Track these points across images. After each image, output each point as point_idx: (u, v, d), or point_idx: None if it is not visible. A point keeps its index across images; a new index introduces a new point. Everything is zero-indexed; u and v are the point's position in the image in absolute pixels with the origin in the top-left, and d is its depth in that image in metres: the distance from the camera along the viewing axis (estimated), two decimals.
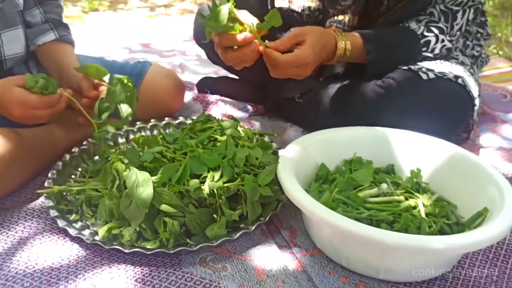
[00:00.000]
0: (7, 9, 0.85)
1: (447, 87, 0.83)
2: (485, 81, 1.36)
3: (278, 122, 1.12)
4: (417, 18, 0.87)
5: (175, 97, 1.07)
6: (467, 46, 1.04)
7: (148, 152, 0.76)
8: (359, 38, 0.84)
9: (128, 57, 1.74)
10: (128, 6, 2.84)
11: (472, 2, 0.90)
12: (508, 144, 1.01)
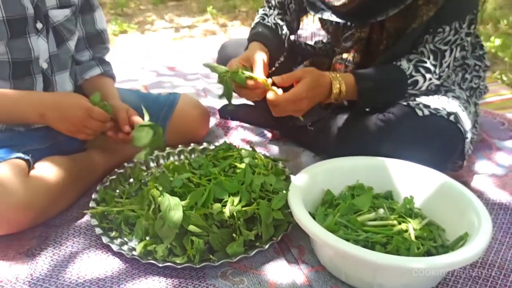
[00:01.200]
0: (62, 55, 1.00)
1: (439, 123, 0.93)
2: (487, 107, 1.43)
3: (292, 147, 1.24)
4: (408, 57, 0.98)
5: (202, 125, 1.21)
6: (466, 79, 1.14)
7: (178, 178, 0.89)
8: (352, 78, 0.95)
9: (155, 80, 1.89)
10: (154, 27, 3.03)
11: (460, 40, 1.00)
12: (501, 171, 1.09)
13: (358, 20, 1.04)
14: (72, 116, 0.90)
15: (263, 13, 1.19)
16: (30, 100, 0.91)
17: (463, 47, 1.01)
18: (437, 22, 0.96)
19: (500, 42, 2.49)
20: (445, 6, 0.94)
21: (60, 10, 0.97)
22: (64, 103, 0.91)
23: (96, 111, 0.91)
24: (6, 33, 0.88)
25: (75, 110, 0.89)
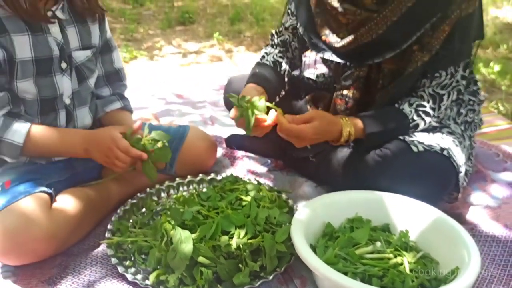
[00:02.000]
0: (83, 91, 1.09)
1: (433, 159, 0.99)
2: (483, 138, 1.49)
3: (294, 177, 1.30)
4: (409, 101, 1.04)
5: (210, 156, 1.28)
6: (461, 113, 1.20)
7: (188, 211, 0.96)
8: (361, 124, 1.01)
9: (164, 108, 1.97)
10: (162, 52, 3.14)
11: (456, 83, 1.07)
12: (495, 202, 1.15)
13: (357, 61, 1.11)
14: (103, 146, 0.97)
15: (264, 52, 1.26)
16: (75, 137, 1.01)
17: (459, 91, 1.07)
18: (433, 68, 1.02)
19: (500, 68, 2.55)
20: (439, 53, 1.00)
21: (82, 51, 1.06)
22: (98, 135, 1.01)
23: (121, 142, 0.97)
24: (33, 71, 0.96)
25: (104, 140, 0.98)
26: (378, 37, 1.03)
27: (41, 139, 0.97)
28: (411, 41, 1.01)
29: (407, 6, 0.98)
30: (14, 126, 0.94)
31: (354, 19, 1.06)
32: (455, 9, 0.98)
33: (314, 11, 1.16)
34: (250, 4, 4.84)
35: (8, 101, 0.95)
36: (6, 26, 0.91)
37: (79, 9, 1.04)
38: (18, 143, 0.93)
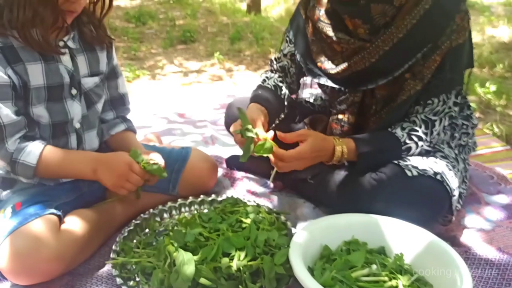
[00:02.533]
0: (91, 116, 1.13)
1: (427, 183, 1.03)
2: (478, 160, 1.53)
3: (293, 198, 1.33)
4: (402, 125, 1.09)
5: (211, 177, 1.32)
6: (454, 137, 1.24)
7: (190, 233, 0.99)
8: (353, 144, 1.06)
9: (166, 127, 2.02)
10: (164, 71, 3.21)
11: (448, 109, 1.11)
12: (489, 225, 1.18)
13: (351, 87, 1.16)
14: (117, 169, 1.02)
15: (265, 76, 1.32)
16: (85, 158, 1.06)
17: (451, 116, 1.11)
18: (426, 96, 1.07)
19: (496, 88, 2.61)
20: (431, 81, 1.05)
21: (91, 78, 1.11)
22: (111, 159, 1.05)
23: (136, 166, 1.04)
24: (45, 97, 1.01)
25: (119, 164, 1.03)
26: (371, 65, 1.08)
27: (52, 160, 1.01)
28: (403, 69, 1.06)
29: (398, 37, 1.04)
30: (28, 148, 0.98)
31: (348, 48, 1.11)
32: (445, 40, 1.03)
33: (311, 39, 1.21)
34: (250, 23, 4.96)
35: (25, 125, 1.00)
36: (21, 55, 0.96)
37: (88, 38, 1.09)
38: (32, 164, 0.98)
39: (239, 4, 8.06)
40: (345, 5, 1.06)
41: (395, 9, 1.03)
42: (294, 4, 8.37)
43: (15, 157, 0.97)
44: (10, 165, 0.98)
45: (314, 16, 1.19)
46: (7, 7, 0.92)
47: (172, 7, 6.66)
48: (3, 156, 0.98)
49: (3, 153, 0.97)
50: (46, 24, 0.94)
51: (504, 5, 6.74)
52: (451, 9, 1.03)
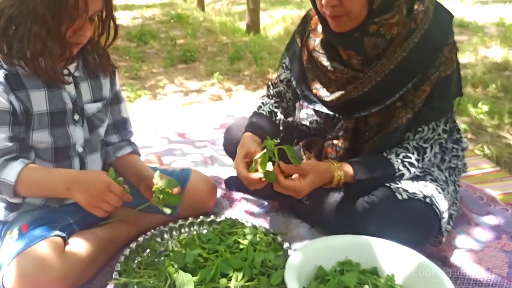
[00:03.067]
0: (93, 140, 1.18)
1: (416, 207, 1.07)
2: (469, 181, 1.58)
3: (290, 218, 1.37)
4: (396, 151, 1.13)
5: (210, 199, 1.36)
6: (444, 160, 1.29)
7: (190, 255, 1.03)
8: (351, 169, 1.10)
9: (167, 147, 2.07)
10: (165, 90, 3.28)
11: (438, 136, 1.16)
12: (478, 246, 1.22)
13: (345, 114, 1.21)
14: (93, 189, 0.99)
15: (261, 102, 1.37)
16: (60, 176, 1.03)
17: (441, 144, 1.16)
18: (416, 123, 1.12)
19: (488, 108, 2.67)
20: (422, 110, 1.10)
21: (93, 104, 1.16)
22: (87, 178, 1.03)
23: (115, 186, 1.01)
24: (48, 123, 1.06)
25: (96, 183, 1.00)
26: (364, 94, 1.13)
27: (30, 178, 1.00)
28: (394, 98, 1.11)
29: (390, 68, 1.09)
30: (9, 167, 0.99)
31: (342, 77, 1.17)
32: (434, 71, 1.08)
33: (306, 66, 1.27)
34: (249, 43, 5.07)
35: (16, 150, 1.02)
36: (25, 82, 1.01)
37: (92, 67, 1.14)
38: (11, 182, 0.98)
39: (238, 23, 8.23)
40: (340, 37, 1.11)
41: (386, 42, 1.09)
42: (292, 23, 8.53)
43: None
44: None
45: (310, 46, 1.25)
46: (17, 39, 0.97)
47: (173, 26, 6.80)
48: None
49: None
50: (54, 56, 0.99)
51: (497, 26, 6.89)
52: (440, 42, 1.08)
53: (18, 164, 1.00)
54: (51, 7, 0.93)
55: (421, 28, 1.07)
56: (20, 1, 0.94)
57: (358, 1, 1.01)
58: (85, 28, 1.00)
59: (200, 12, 9.84)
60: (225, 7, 14.38)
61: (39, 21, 0.94)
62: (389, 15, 1.04)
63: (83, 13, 0.96)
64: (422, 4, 1.09)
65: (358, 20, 1.05)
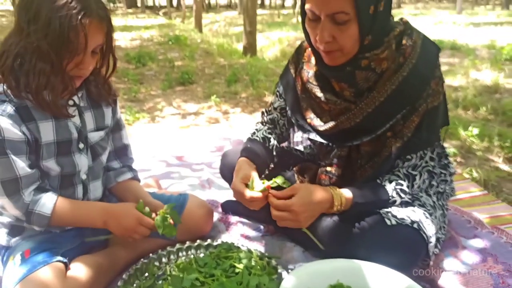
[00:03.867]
0: (96, 167, 1.23)
1: (404, 232, 1.12)
2: (457, 204, 1.63)
3: (284, 242, 1.41)
4: (389, 179, 1.17)
5: (207, 223, 1.41)
6: (432, 185, 1.34)
7: (187, 279, 1.07)
8: (351, 195, 1.14)
9: (165, 170, 2.12)
10: (163, 113, 3.34)
11: (425, 163, 1.22)
12: (465, 268, 1.26)
13: (338, 142, 1.27)
14: (126, 223, 1.12)
15: (255, 128, 1.42)
16: (95, 210, 1.15)
17: (429, 171, 1.22)
18: (405, 152, 1.17)
19: (478, 131, 2.74)
20: (410, 140, 1.16)
21: (96, 132, 1.22)
22: (121, 212, 1.14)
23: (144, 220, 1.13)
24: (55, 152, 1.11)
25: (129, 218, 1.12)
26: (356, 125, 1.18)
27: (65, 211, 1.09)
28: (384, 128, 1.16)
29: (380, 101, 1.15)
30: (43, 199, 1.07)
31: (335, 108, 1.23)
32: (422, 103, 1.13)
33: (300, 96, 1.33)
34: (246, 65, 5.18)
35: (38, 177, 1.09)
36: (34, 114, 1.06)
37: (95, 96, 1.20)
38: (47, 214, 1.06)
39: (236, 45, 8.40)
40: (333, 70, 1.16)
41: (377, 75, 1.14)
42: (288, 45, 8.73)
43: (31, 208, 1.05)
44: (25, 215, 1.06)
45: (304, 77, 1.30)
46: (23, 74, 1.02)
47: (171, 48, 6.94)
48: (20, 207, 1.05)
49: (20, 204, 1.05)
50: (56, 91, 1.04)
51: (488, 48, 7.08)
52: (427, 76, 1.14)
53: (51, 195, 1.09)
54: (54, 43, 0.98)
55: (409, 62, 1.13)
56: (26, 39, 1.00)
57: (351, 38, 1.07)
58: (87, 62, 1.05)
59: (198, 34, 10.04)
60: (222, 28, 14.67)
61: (43, 58, 0.99)
62: (379, 50, 1.11)
63: (84, 47, 1.02)
64: (410, 39, 1.15)
65: (350, 55, 1.11)
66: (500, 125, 3.09)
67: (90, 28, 1.00)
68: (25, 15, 1.00)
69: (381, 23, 1.08)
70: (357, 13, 1.02)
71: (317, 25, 1.07)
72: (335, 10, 1.02)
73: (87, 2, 1.00)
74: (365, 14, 1.03)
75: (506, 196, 1.81)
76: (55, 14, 0.96)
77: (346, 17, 1.02)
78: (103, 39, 1.07)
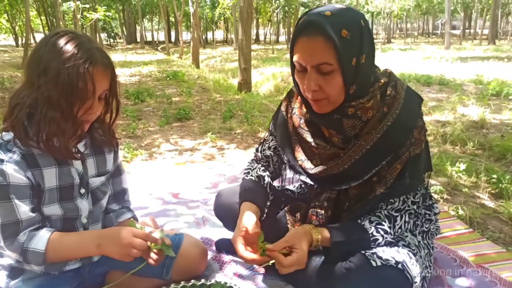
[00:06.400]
0: (96, 211, 1.28)
1: (389, 273, 1.17)
2: (443, 242, 1.68)
3: (276, 281, 1.45)
4: (370, 218, 1.24)
5: (201, 262, 1.45)
6: (417, 225, 1.40)
7: None
8: (328, 233, 1.21)
9: (161, 208, 2.16)
10: (160, 149, 3.42)
11: (408, 207, 1.28)
12: None
13: (328, 186, 1.33)
14: (121, 240, 1.10)
15: (249, 167, 1.48)
16: (88, 236, 1.15)
17: (410, 214, 1.28)
18: (389, 196, 1.24)
19: (465, 166, 2.82)
20: (393, 186, 1.22)
21: (98, 178, 1.28)
22: (114, 231, 1.15)
23: (138, 231, 1.14)
24: (57, 197, 1.16)
25: (122, 234, 1.11)
26: (344, 170, 1.25)
27: (59, 244, 1.11)
28: (371, 174, 1.23)
29: (366, 148, 1.22)
30: (37, 236, 1.10)
31: (324, 152, 1.30)
32: (405, 151, 1.20)
33: (292, 138, 1.41)
34: (241, 101, 5.32)
35: (39, 220, 1.13)
36: (39, 161, 1.12)
37: (98, 143, 1.27)
38: (41, 250, 1.09)
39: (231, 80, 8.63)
40: (321, 118, 1.24)
41: (363, 123, 1.22)
42: (282, 80, 8.97)
43: (26, 246, 1.09)
44: (21, 255, 1.10)
45: (295, 122, 1.38)
46: (35, 124, 1.09)
47: (169, 83, 7.12)
48: (15, 248, 1.09)
49: (15, 245, 1.09)
50: (67, 136, 1.10)
51: (475, 83, 7.32)
52: (410, 126, 1.21)
53: (45, 232, 1.11)
54: (64, 92, 1.05)
55: (393, 112, 1.20)
56: (37, 91, 1.07)
57: (336, 87, 1.15)
58: (95, 107, 1.12)
59: (195, 69, 10.31)
60: (218, 64, 15.05)
61: (53, 106, 1.06)
62: (364, 99, 1.19)
63: (92, 93, 1.09)
64: (394, 89, 1.23)
65: (337, 104, 1.19)
66: (487, 160, 3.19)
67: (96, 75, 1.07)
68: (35, 69, 1.08)
69: (364, 74, 1.17)
70: (339, 64, 1.10)
71: (305, 75, 1.16)
72: (320, 61, 1.10)
73: (91, 52, 1.08)
74: (347, 66, 1.11)
75: (491, 233, 1.86)
76: (63, 66, 1.04)
77: (330, 68, 1.11)
78: (108, 85, 1.14)
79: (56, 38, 1.08)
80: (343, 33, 1.08)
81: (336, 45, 1.07)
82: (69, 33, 1.10)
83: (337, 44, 1.07)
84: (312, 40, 1.10)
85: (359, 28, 1.11)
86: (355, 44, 1.10)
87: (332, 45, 1.07)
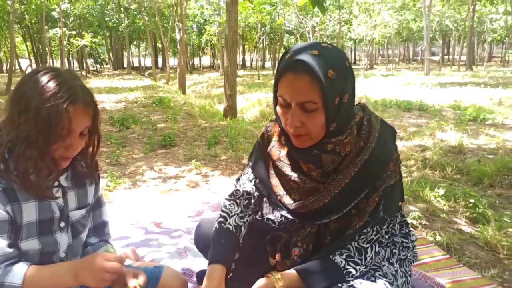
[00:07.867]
0: (75, 245, 1.28)
1: None
2: (422, 268, 1.71)
3: None
4: (340, 252, 1.26)
5: None
6: (394, 253, 1.43)
7: None
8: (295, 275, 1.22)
9: (144, 238, 2.15)
10: (144, 177, 3.40)
11: (382, 237, 1.31)
12: None
13: (308, 220, 1.35)
14: (95, 266, 1.09)
15: (226, 211, 1.46)
16: (64, 268, 1.14)
17: (381, 243, 1.30)
18: (363, 227, 1.26)
19: (444, 191, 2.89)
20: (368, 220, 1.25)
21: (78, 211, 1.28)
22: (87, 259, 1.14)
23: (109, 255, 1.13)
24: (36, 231, 1.16)
25: (94, 259, 1.11)
26: (324, 205, 1.27)
27: (36, 277, 1.10)
28: (350, 207, 1.26)
29: (345, 182, 1.25)
30: (13, 270, 1.09)
31: (304, 186, 1.32)
32: (381, 184, 1.24)
33: (271, 173, 1.43)
34: (226, 127, 5.36)
35: (16, 256, 1.12)
36: (18, 196, 1.13)
37: (79, 176, 1.29)
38: (18, 284, 1.07)
39: (217, 106, 8.71)
40: (301, 152, 1.26)
41: (341, 158, 1.25)
42: (267, 106, 9.08)
43: (2, 281, 1.07)
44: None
45: (275, 155, 1.40)
46: (14, 160, 1.10)
47: (155, 110, 7.15)
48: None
49: None
50: (42, 175, 1.11)
51: (453, 109, 7.55)
52: (385, 159, 1.25)
53: (22, 265, 1.10)
54: (43, 131, 1.06)
55: (369, 146, 1.24)
56: (17, 129, 1.09)
57: (318, 124, 1.17)
58: (76, 144, 1.14)
59: (181, 95, 10.38)
60: (205, 89, 15.19)
61: (31, 145, 1.08)
62: (343, 136, 1.22)
63: (70, 132, 1.10)
64: (369, 124, 1.28)
65: (317, 139, 1.22)
66: (465, 185, 3.27)
67: (75, 113, 1.09)
68: (16, 106, 1.10)
69: (345, 112, 1.21)
70: (324, 103, 1.13)
71: (288, 110, 1.18)
72: (305, 99, 1.13)
73: (73, 90, 1.10)
74: (331, 104, 1.15)
75: (467, 259, 1.90)
76: (43, 105, 1.06)
77: (314, 106, 1.14)
78: (90, 122, 1.16)
79: (39, 75, 1.11)
80: (329, 73, 1.11)
81: (322, 85, 1.10)
82: (52, 70, 1.13)
83: (323, 84, 1.10)
84: (298, 78, 1.13)
85: (344, 68, 1.15)
86: (339, 84, 1.14)
87: (318, 85, 1.10)
